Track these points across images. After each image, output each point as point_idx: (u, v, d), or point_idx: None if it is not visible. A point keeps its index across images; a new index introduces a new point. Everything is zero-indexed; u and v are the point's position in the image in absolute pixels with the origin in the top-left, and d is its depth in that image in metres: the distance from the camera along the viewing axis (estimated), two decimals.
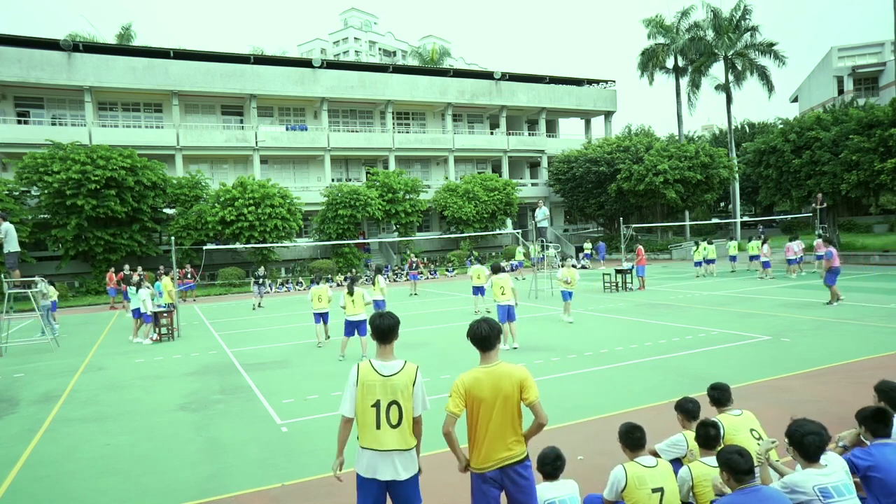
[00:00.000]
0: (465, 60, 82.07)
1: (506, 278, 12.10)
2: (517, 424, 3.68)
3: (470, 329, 3.77)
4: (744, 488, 3.33)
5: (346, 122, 42.87)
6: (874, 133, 29.43)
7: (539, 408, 3.64)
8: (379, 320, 3.81)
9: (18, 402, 9.45)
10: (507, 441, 3.64)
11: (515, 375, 3.66)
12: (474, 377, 3.66)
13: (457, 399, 3.64)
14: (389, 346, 3.80)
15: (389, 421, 3.60)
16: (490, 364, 3.69)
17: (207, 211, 30.62)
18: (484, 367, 3.70)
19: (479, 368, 3.71)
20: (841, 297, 15.19)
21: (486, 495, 3.68)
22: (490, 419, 3.61)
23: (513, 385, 3.63)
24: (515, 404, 3.65)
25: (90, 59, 33.55)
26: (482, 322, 3.74)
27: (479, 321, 3.77)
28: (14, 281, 14.99)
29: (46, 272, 26.68)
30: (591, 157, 40.69)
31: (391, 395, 3.62)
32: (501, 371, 3.66)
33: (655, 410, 7.24)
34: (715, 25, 40.64)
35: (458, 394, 3.64)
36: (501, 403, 3.61)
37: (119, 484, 5.90)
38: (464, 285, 27.50)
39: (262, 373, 10.74)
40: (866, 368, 8.74)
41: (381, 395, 3.63)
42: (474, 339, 3.73)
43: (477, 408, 3.62)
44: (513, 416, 3.65)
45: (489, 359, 3.71)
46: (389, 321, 3.80)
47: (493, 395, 3.61)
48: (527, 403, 3.64)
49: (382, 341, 3.79)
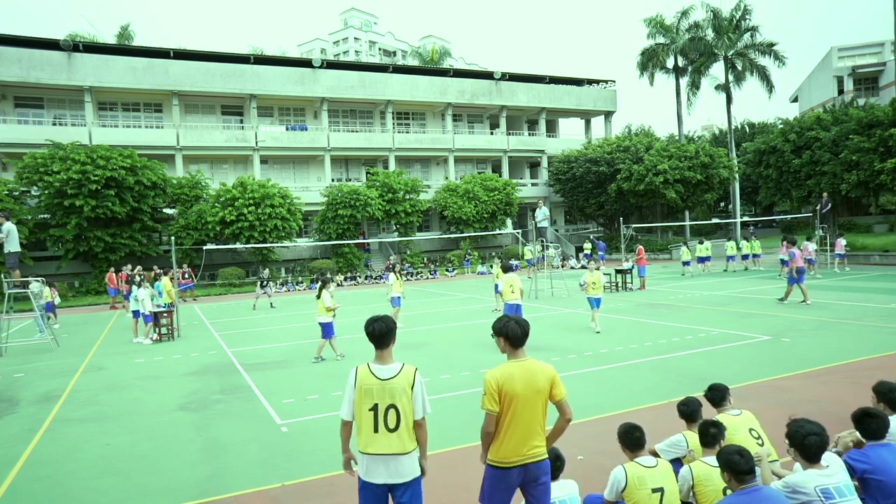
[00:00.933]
0: (465, 60, 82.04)
1: (515, 277, 12.30)
2: (544, 422, 3.68)
3: (502, 328, 3.73)
4: (744, 488, 3.33)
5: (346, 122, 42.87)
6: (874, 133, 29.45)
7: (567, 405, 3.70)
8: (373, 325, 3.75)
9: (18, 402, 9.45)
10: (535, 438, 3.63)
11: (548, 372, 3.69)
12: (507, 372, 3.62)
13: (492, 396, 3.58)
14: (387, 350, 3.76)
15: (387, 424, 3.58)
16: (520, 359, 3.70)
17: (207, 211, 30.63)
18: (515, 362, 3.68)
19: (511, 363, 3.68)
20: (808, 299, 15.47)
21: (503, 491, 3.64)
22: (522, 414, 3.58)
23: (546, 381, 3.65)
24: (545, 400, 3.67)
25: (90, 59, 33.56)
26: (510, 321, 3.73)
27: (506, 320, 3.75)
28: (14, 281, 15.00)
29: (46, 272, 26.67)
30: (591, 157, 40.69)
31: (389, 399, 3.60)
32: (534, 367, 3.68)
33: (655, 410, 7.24)
34: (715, 25, 40.64)
35: (492, 390, 3.58)
36: (534, 399, 3.61)
37: (119, 484, 5.90)
38: (464, 285, 27.49)
39: (262, 373, 10.74)
40: (866, 368, 8.74)
41: (378, 398, 3.60)
42: (509, 337, 3.70)
43: (509, 403, 3.57)
44: (542, 412, 3.66)
45: (519, 354, 3.72)
46: (381, 326, 3.72)
47: (527, 390, 3.59)
48: (556, 401, 3.67)
49: (378, 346, 3.75)
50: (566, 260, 36.13)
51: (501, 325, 3.74)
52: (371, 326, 3.75)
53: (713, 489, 3.74)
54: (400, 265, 28.16)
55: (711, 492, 3.74)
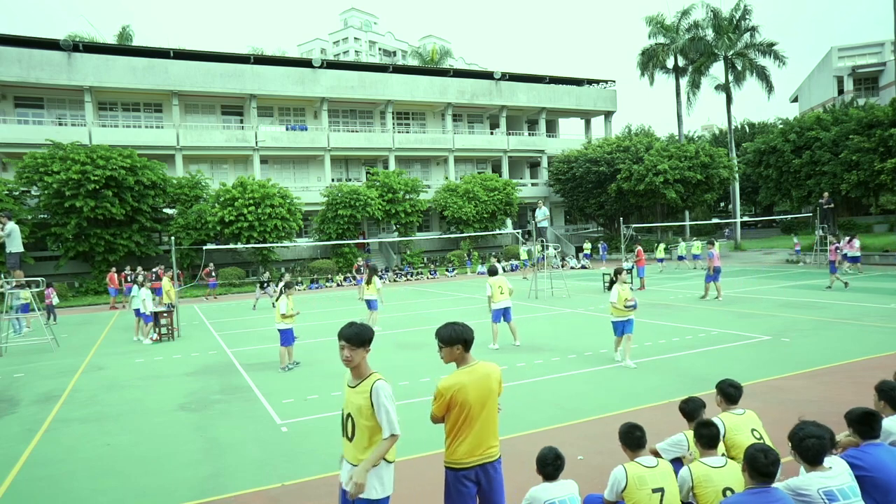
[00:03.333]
0: (465, 60, 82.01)
1: (503, 279, 12.24)
2: (497, 422, 3.80)
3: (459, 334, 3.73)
4: (755, 488, 3.32)
5: (346, 122, 42.87)
6: (874, 133, 29.45)
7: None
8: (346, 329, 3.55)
9: (18, 402, 9.44)
10: (491, 438, 3.73)
11: (496, 373, 3.80)
12: (458, 382, 3.65)
13: (440, 405, 3.68)
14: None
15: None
16: (470, 364, 3.73)
17: (207, 211, 30.63)
18: (466, 368, 3.71)
19: (462, 371, 3.71)
20: (721, 295, 17.03)
21: (463, 492, 3.69)
22: (477, 418, 3.66)
23: (496, 382, 3.77)
24: (496, 399, 3.79)
25: (90, 59, 33.55)
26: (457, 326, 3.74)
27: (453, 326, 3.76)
28: (15, 281, 15.00)
29: (46, 272, 26.66)
30: (591, 157, 40.69)
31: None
32: (484, 370, 3.74)
33: (655, 410, 7.24)
34: (715, 25, 40.63)
35: (443, 400, 3.65)
36: (486, 401, 3.69)
37: (119, 484, 5.90)
38: (464, 285, 27.47)
39: (262, 373, 10.74)
40: (866, 368, 8.74)
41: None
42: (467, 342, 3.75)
43: (460, 409, 3.64)
44: (496, 412, 3.78)
45: (469, 359, 3.75)
46: (348, 330, 3.52)
47: (479, 394, 3.66)
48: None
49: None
50: (566, 260, 36.14)
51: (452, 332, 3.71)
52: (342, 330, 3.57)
53: (713, 490, 3.73)
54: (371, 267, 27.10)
55: (711, 492, 3.73)
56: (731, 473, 3.73)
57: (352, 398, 3.52)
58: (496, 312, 11.85)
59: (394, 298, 23.10)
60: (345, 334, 3.50)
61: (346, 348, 3.48)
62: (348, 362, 3.50)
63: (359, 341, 3.49)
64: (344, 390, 3.65)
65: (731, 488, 3.66)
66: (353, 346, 3.48)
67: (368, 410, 3.42)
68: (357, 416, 3.48)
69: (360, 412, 3.45)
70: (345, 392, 3.63)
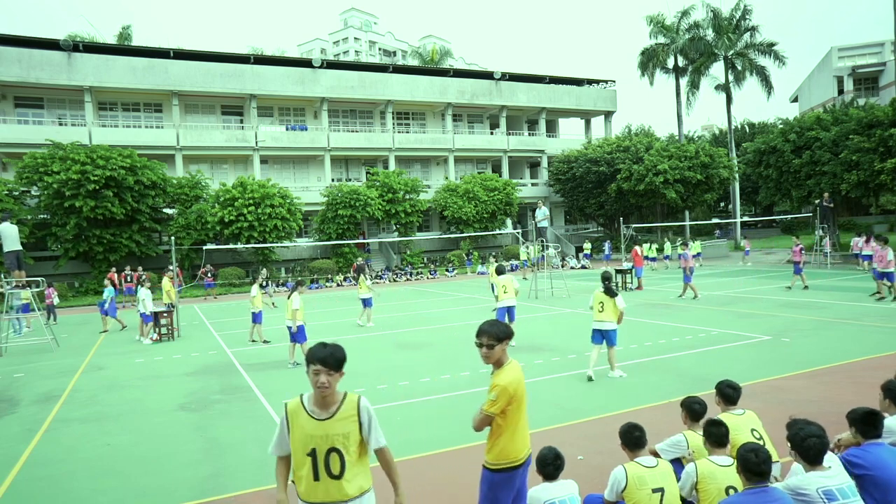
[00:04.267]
0: (465, 60, 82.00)
1: (509, 278, 12.43)
2: None
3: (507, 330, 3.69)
4: (753, 488, 3.32)
5: (346, 122, 42.87)
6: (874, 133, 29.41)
7: None
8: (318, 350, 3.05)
9: (18, 402, 9.44)
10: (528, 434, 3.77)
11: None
12: (516, 378, 3.61)
13: (503, 402, 3.52)
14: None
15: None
16: (510, 359, 3.70)
17: (207, 211, 30.63)
18: (512, 364, 3.67)
19: (513, 366, 3.66)
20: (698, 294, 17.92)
21: (509, 492, 3.67)
22: (524, 411, 3.71)
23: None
24: None
25: (90, 59, 33.55)
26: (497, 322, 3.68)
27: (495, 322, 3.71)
28: (15, 282, 15.00)
29: (46, 272, 26.67)
30: (591, 157, 40.68)
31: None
32: (518, 365, 3.76)
33: (655, 410, 7.24)
34: (715, 25, 40.64)
35: (507, 397, 3.53)
36: (525, 397, 3.74)
37: (119, 484, 5.90)
38: (464, 285, 27.47)
39: (262, 373, 10.74)
40: (866, 368, 8.74)
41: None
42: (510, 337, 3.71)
43: (519, 404, 3.63)
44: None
45: (507, 355, 3.70)
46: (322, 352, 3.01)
47: (524, 388, 3.71)
48: None
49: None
50: (566, 260, 36.14)
51: (505, 328, 3.65)
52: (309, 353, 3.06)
53: (715, 487, 3.74)
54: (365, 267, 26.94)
55: (714, 490, 3.74)
56: (735, 473, 3.74)
57: (331, 430, 3.00)
58: (500, 311, 11.98)
59: (394, 298, 23.11)
60: (319, 356, 2.98)
61: (323, 373, 2.96)
62: (325, 389, 2.98)
63: (336, 364, 3.01)
64: (301, 426, 3.03)
65: (735, 487, 3.67)
66: (331, 371, 2.99)
67: (357, 435, 3.05)
68: (345, 446, 3.01)
69: (347, 439, 3.01)
70: (305, 428, 3.02)
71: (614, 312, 9.05)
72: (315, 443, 3.00)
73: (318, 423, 3.01)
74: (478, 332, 3.60)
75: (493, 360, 3.58)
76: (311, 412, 3.05)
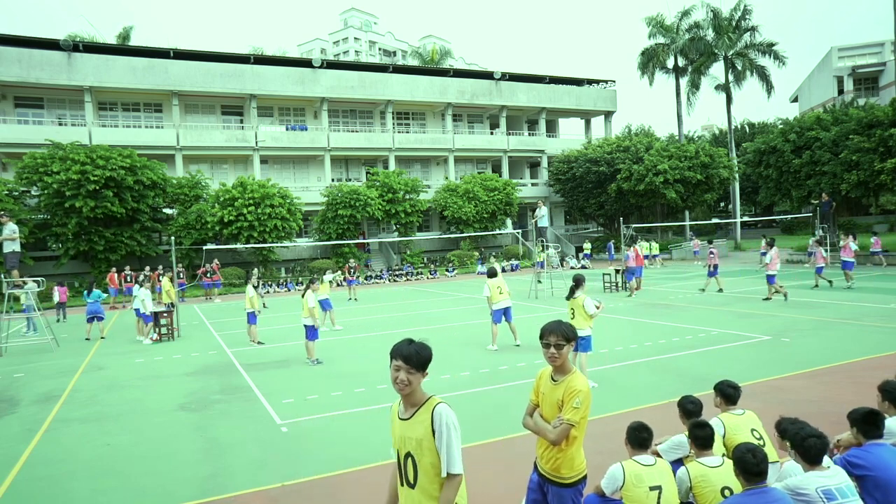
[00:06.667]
0: (465, 60, 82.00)
1: (501, 280, 12.25)
2: None
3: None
4: (752, 489, 3.33)
5: (346, 122, 42.87)
6: (874, 133, 29.45)
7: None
8: (403, 347, 2.93)
9: (18, 402, 9.45)
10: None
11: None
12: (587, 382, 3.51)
13: (586, 410, 3.44)
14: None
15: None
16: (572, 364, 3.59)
17: (207, 211, 30.63)
18: (574, 367, 3.58)
19: (575, 368, 3.57)
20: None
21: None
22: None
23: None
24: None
25: (90, 59, 33.55)
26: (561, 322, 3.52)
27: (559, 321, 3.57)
28: (14, 281, 14.99)
29: (46, 272, 26.67)
30: (591, 157, 40.66)
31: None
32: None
33: (655, 410, 7.24)
34: (715, 25, 40.62)
35: (589, 404, 3.44)
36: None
37: (119, 484, 5.90)
38: (464, 285, 27.46)
39: (262, 373, 10.74)
40: (866, 368, 8.74)
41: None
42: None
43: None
44: None
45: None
46: (407, 349, 2.88)
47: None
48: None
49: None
50: (566, 260, 36.12)
51: (571, 327, 3.49)
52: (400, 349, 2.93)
53: (711, 489, 3.74)
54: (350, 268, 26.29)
55: (710, 492, 3.74)
56: (728, 473, 3.74)
57: (408, 432, 2.89)
58: (497, 313, 11.87)
59: (394, 298, 23.13)
60: (403, 353, 2.86)
61: (404, 370, 2.84)
62: (404, 387, 2.85)
63: (419, 363, 2.86)
64: (393, 424, 3.01)
65: (730, 487, 3.67)
66: (412, 369, 2.85)
67: (430, 441, 2.83)
68: (418, 454, 2.85)
69: (420, 446, 2.84)
70: (395, 426, 2.99)
71: (585, 319, 8.50)
72: (398, 444, 2.97)
73: (401, 423, 2.95)
74: (543, 333, 3.43)
75: (561, 362, 3.37)
76: (399, 411, 3.01)
